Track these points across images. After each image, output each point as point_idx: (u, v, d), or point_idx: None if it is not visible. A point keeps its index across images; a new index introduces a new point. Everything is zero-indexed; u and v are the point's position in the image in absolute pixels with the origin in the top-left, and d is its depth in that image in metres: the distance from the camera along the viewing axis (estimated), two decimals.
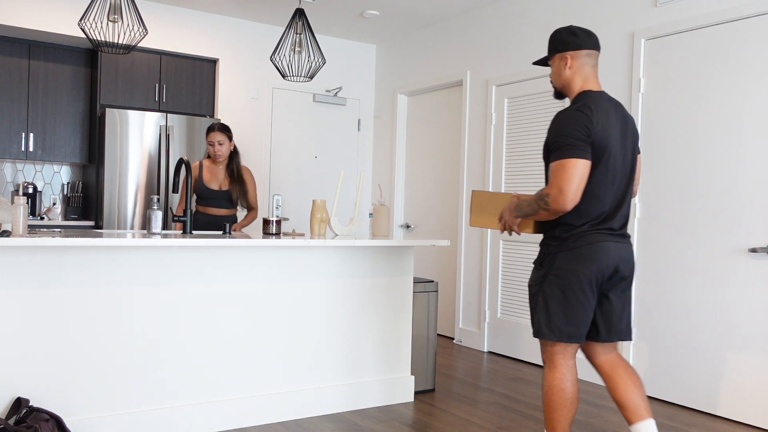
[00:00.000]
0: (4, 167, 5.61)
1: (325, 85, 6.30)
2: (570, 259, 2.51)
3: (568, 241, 2.53)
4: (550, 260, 2.57)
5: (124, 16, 3.67)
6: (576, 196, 2.44)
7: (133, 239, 2.82)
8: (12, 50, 5.31)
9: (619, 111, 2.61)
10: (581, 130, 2.45)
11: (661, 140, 3.97)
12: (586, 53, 2.61)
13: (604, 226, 2.54)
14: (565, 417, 2.54)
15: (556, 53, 2.66)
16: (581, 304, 2.51)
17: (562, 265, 2.52)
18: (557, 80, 2.69)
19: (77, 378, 2.84)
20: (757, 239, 3.49)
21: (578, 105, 2.54)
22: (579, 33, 2.63)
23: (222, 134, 4.35)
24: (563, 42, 2.63)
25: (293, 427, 3.26)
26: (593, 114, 2.48)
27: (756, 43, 3.53)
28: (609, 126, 2.51)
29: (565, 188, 2.42)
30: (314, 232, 3.59)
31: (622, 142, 2.57)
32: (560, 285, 2.52)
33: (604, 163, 2.50)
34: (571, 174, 2.42)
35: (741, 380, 3.55)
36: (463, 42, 5.54)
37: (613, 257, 2.53)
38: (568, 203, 2.43)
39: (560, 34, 2.66)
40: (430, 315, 3.96)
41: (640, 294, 4.05)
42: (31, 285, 2.75)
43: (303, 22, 4.19)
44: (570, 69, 2.62)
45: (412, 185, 6.18)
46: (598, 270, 2.50)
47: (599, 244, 2.51)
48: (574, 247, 2.52)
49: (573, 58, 2.61)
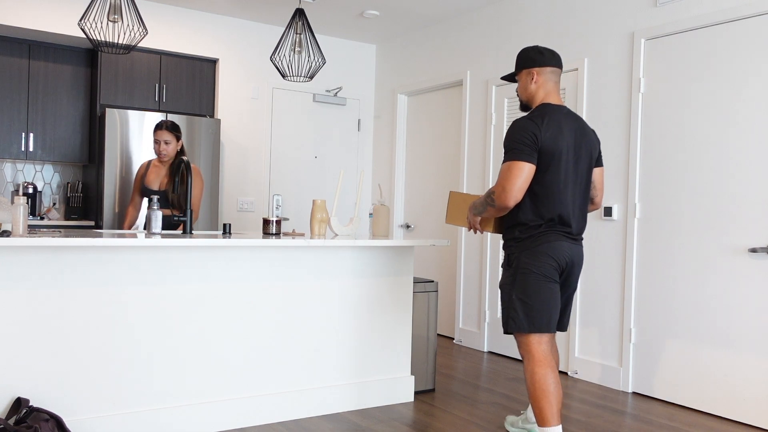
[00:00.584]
0: (4, 167, 5.61)
1: (325, 85, 6.30)
2: (531, 255, 2.77)
3: (527, 240, 2.79)
4: (515, 260, 2.82)
5: (124, 16, 3.67)
6: (518, 195, 2.71)
7: (133, 239, 2.82)
8: (12, 50, 5.31)
9: (576, 124, 2.86)
10: (529, 137, 2.72)
11: (661, 140, 3.97)
12: (550, 70, 2.90)
13: (560, 228, 2.79)
14: (552, 404, 2.69)
15: (524, 69, 2.94)
16: (548, 296, 2.76)
17: (526, 262, 2.77)
18: (523, 94, 2.97)
19: (77, 378, 2.84)
20: (757, 239, 3.49)
21: (532, 115, 2.82)
22: (545, 52, 2.91)
23: (169, 133, 4.21)
24: (531, 59, 2.91)
25: (293, 427, 3.26)
26: (543, 123, 2.74)
27: (756, 43, 3.53)
28: (559, 136, 2.76)
29: (507, 187, 2.71)
30: (314, 232, 3.59)
31: (575, 153, 2.81)
32: (528, 281, 2.76)
33: (554, 168, 2.76)
34: (515, 175, 2.70)
35: (741, 380, 3.55)
36: (463, 42, 5.54)
37: (568, 255, 2.80)
38: (510, 200, 2.72)
39: (528, 53, 2.94)
40: (430, 315, 3.96)
41: (640, 294, 4.05)
42: (31, 285, 2.75)
43: (303, 22, 4.19)
44: (535, 84, 2.90)
45: (412, 185, 6.18)
46: (557, 265, 2.78)
47: (556, 243, 2.77)
48: (533, 245, 2.77)
49: (539, 74, 2.89)
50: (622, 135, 4.19)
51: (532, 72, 2.91)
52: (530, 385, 2.74)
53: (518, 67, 2.98)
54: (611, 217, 4.22)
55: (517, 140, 2.74)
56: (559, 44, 4.65)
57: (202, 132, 5.53)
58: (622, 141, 4.19)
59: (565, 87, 4.59)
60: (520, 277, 2.78)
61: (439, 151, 5.86)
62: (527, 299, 2.76)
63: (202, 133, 5.53)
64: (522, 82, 2.96)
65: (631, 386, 4.09)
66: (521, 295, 2.77)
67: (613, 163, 4.24)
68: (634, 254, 4.09)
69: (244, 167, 5.94)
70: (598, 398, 3.94)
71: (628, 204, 4.13)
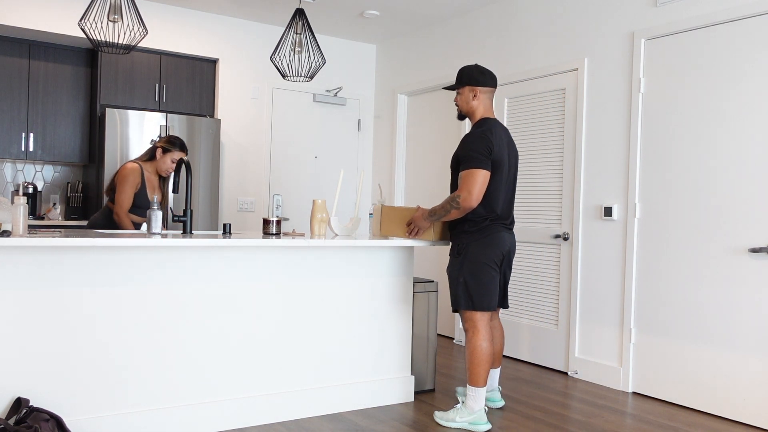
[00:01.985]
0: (4, 167, 5.61)
1: (325, 85, 6.30)
2: (480, 246, 3.30)
3: (476, 233, 3.31)
4: (464, 249, 3.32)
5: (124, 16, 3.67)
6: (480, 197, 3.22)
7: (133, 239, 2.82)
8: (12, 50, 5.31)
9: (507, 137, 3.40)
10: (485, 148, 3.22)
11: (661, 140, 3.96)
12: (489, 90, 3.42)
13: (499, 221, 3.35)
14: (486, 370, 3.28)
15: (468, 85, 3.40)
16: (492, 279, 3.31)
17: (476, 251, 3.29)
18: (464, 106, 3.44)
19: (77, 378, 2.84)
20: (758, 239, 3.49)
21: (483, 129, 3.29)
22: (486, 73, 3.41)
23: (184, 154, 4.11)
24: (474, 78, 3.39)
25: (293, 427, 3.26)
26: (494, 137, 3.26)
27: (756, 43, 3.53)
28: (502, 147, 3.30)
29: (473, 191, 3.20)
30: (314, 232, 3.59)
31: (508, 160, 3.36)
32: (476, 267, 3.29)
33: (498, 174, 3.29)
34: (477, 180, 3.20)
35: (741, 380, 3.55)
36: (463, 42, 5.54)
37: (507, 243, 3.38)
38: (474, 202, 3.22)
39: (472, 71, 3.41)
40: (430, 315, 3.96)
41: (640, 294, 4.06)
42: (31, 285, 2.75)
43: (303, 22, 4.19)
44: (476, 100, 3.40)
45: (412, 185, 6.18)
46: (500, 253, 3.33)
47: (498, 234, 3.33)
48: (481, 237, 3.30)
49: (480, 92, 3.39)
50: (622, 135, 4.19)
51: (474, 89, 3.39)
52: (471, 353, 3.28)
53: (463, 82, 3.42)
54: (611, 217, 4.22)
55: (477, 150, 3.22)
56: (559, 44, 4.65)
57: (202, 132, 5.53)
58: (622, 141, 4.19)
59: (565, 87, 4.60)
60: (468, 264, 3.29)
61: (439, 151, 5.86)
62: (474, 282, 3.28)
63: (202, 133, 5.53)
64: (464, 95, 3.43)
65: (631, 386, 4.09)
66: (469, 279, 3.28)
67: (613, 163, 4.24)
68: (634, 254, 4.09)
69: (244, 167, 5.94)
70: (598, 398, 3.94)
71: (628, 204, 4.13)
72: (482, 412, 3.29)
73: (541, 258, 4.70)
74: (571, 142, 4.54)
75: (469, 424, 3.27)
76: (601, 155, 4.33)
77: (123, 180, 3.99)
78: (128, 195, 3.99)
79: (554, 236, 4.62)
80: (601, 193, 4.32)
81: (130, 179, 4.00)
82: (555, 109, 4.68)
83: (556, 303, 4.61)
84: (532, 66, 4.84)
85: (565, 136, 4.58)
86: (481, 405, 3.29)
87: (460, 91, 3.44)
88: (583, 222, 4.42)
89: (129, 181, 4.00)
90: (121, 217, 4.01)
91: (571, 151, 4.54)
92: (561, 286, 4.57)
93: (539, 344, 4.72)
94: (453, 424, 3.29)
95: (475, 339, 3.29)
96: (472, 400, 3.27)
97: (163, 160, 4.09)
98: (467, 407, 3.29)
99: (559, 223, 4.61)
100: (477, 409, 3.27)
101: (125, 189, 3.98)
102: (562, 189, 4.60)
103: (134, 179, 4.01)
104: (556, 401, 3.86)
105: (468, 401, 3.29)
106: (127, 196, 3.99)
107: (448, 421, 3.31)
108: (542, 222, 4.70)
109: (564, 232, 4.56)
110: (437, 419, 3.36)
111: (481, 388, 3.27)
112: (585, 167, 4.43)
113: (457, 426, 3.29)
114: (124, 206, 3.99)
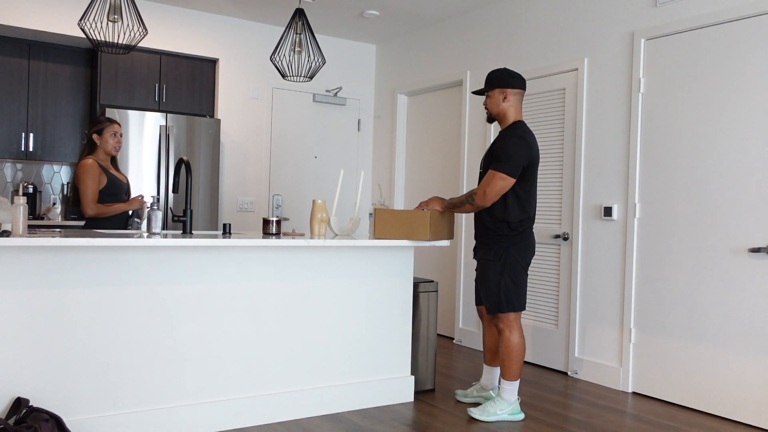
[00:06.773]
0: (4, 167, 5.61)
1: (325, 85, 6.30)
2: (519, 249, 3.41)
3: (515, 237, 3.40)
4: (504, 252, 3.40)
5: (124, 16, 3.67)
6: (493, 201, 3.34)
7: (133, 239, 2.82)
8: (12, 50, 5.31)
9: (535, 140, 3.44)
10: (523, 155, 3.30)
11: (661, 140, 3.97)
12: (519, 91, 3.45)
13: (531, 224, 3.46)
14: (520, 365, 3.43)
15: (497, 88, 3.43)
16: (526, 280, 3.47)
17: (515, 254, 3.40)
18: (494, 109, 3.46)
19: (77, 378, 2.84)
20: (758, 239, 3.49)
21: (520, 132, 3.37)
22: (515, 76, 3.45)
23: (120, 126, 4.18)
24: (504, 80, 3.42)
25: (293, 427, 3.26)
26: (532, 143, 3.37)
27: (756, 43, 3.53)
28: (536, 151, 3.40)
29: (489, 193, 3.32)
30: (314, 232, 3.59)
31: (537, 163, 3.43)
32: (516, 270, 3.40)
33: (532, 179, 3.39)
34: (497, 185, 3.30)
35: (741, 380, 3.55)
36: (463, 42, 5.54)
37: (535, 246, 3.53)
38: (486, 203, 3.35)
39: (501, 74, 3.44)
40: (430, 315, 3.96)
41: (640, 294, 4.05)
42: (31, 285, 2.75)
43: (303, 22, 4.19)
44: (507, 102, 3.42)
45: (412, 185, 6.18)
46: (532, 254, 3.49)
47: (532, 236, 3.48)
48: (520, 240, 3.41)
49: (510, 94, 3.42)
50: (622, 135, 4.19)
51: (505, 91, 3.42)
52: (511, 350, 3.40)
53: (492, 85, 3.45)
54: (611, 217, 4.22)
55: (513, 155, 3.29)
56: (559, 44, 4.65)
57: (202, 132, 5.53)
58: (622, 141, 4.19)
59: (565, 87, 4.60)
60: (509, 268, 3.39)
61: (439, 151, 5.86)
62: (513, 285, 3.39)
63: (202, 133, 5.53)
64: (494, 98, 3.45)
65: (631, 386, 4.09)
66: (510, 281, 3.38)
67: (613, 163, 4.24)
68: (634, 254, 4.09)
69: (244, 167, 5.94)
70: (598, 398, 3.94)
71: (628, 204, 4.13)
72: (517, 403, 3.47)
73: (541, 258, 4.70)
74: (570, 142, 4.54)
75: (509, 414, 3.45)
76: (600, 155, 4.33)
77: (84, 176, 4.02)
78: (93, 189, 4.02)
79: (554, 236, 4.62)
80: (601, 193, 4.32)
81: (91, 173, 4.03)
82: (555, 109, 4.68)
83: (556, 303, 4.61)
84: (532, 66, 4.84)
85: (565, 136, 4.58)
86: (516, 396, 3.47)
87: (489, 94, 3.47)
88: (583, 222, 4.42)
89: (90, 175, 4.02)
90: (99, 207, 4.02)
91: (571, 151, 4.54)
92: (561, 286, 4.57)
93: (539, 344, 4.72)
94: (495, 417, 3.43)
95: (513, 336, 3.42)
96: (509, 393, 3.44)
97: (105, 141, 4.12)
98: (505, 400, 3.45)
99: (559, 223, 4.61)
100: (513, 400, 3.46)
101: (88, 184, 4.01)
102: (562, 189, 4.60)
103: (94, 172, 4.03)
104: (556, 401, 3.86)
105: (505, 395, 3.45)
106: (92, 190, 4.02)
107: (490, 415, 3.43)
108: (542, 222, 4.70)
109: (564, 232, 4.56)
110: (476, 416, 3.44)
111: (516, 381, 3.44)
112: (585, 167, 4.43)
113: (498, 418, 3.44)
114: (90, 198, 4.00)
